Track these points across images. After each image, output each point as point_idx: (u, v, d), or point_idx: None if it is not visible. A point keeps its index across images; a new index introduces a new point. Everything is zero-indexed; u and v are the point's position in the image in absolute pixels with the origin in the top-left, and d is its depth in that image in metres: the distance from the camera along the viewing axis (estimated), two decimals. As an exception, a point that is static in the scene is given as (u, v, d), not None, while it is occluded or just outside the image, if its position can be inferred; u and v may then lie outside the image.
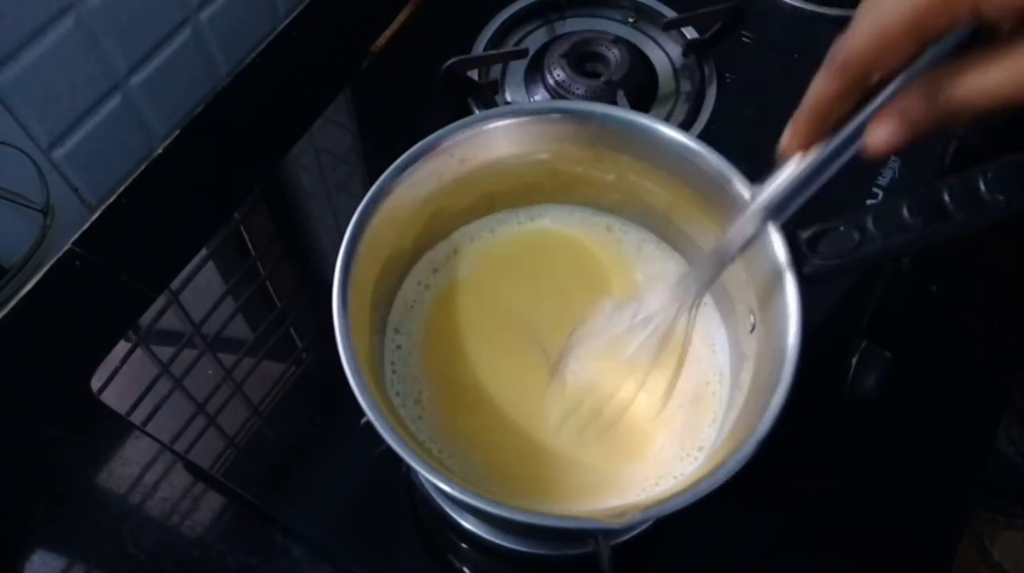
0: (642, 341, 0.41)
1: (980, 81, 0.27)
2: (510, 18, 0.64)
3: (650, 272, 0.46)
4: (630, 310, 0.41)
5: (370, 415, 0.33)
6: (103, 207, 0.58)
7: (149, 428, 0.49)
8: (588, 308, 0.44)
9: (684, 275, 0.40)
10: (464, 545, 0.46)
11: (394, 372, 0.43)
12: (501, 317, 0.45)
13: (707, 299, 0.45)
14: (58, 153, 0.55)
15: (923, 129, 0.28)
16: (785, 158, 0.32)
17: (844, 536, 0.47)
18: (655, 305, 0.40)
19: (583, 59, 0.60)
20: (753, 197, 0.35)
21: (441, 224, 0.46)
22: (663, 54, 0.64)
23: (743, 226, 0.35)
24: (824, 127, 0.31)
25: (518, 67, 0.62)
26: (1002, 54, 0.26)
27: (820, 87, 0.29)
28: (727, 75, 0.62)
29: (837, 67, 0.29)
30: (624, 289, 0.46)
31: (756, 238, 0.35)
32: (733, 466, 0.31)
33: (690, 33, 0.63)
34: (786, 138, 0.32)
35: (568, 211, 0.48)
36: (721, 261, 0.37)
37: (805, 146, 0.32)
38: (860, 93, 0.29)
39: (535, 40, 0.64)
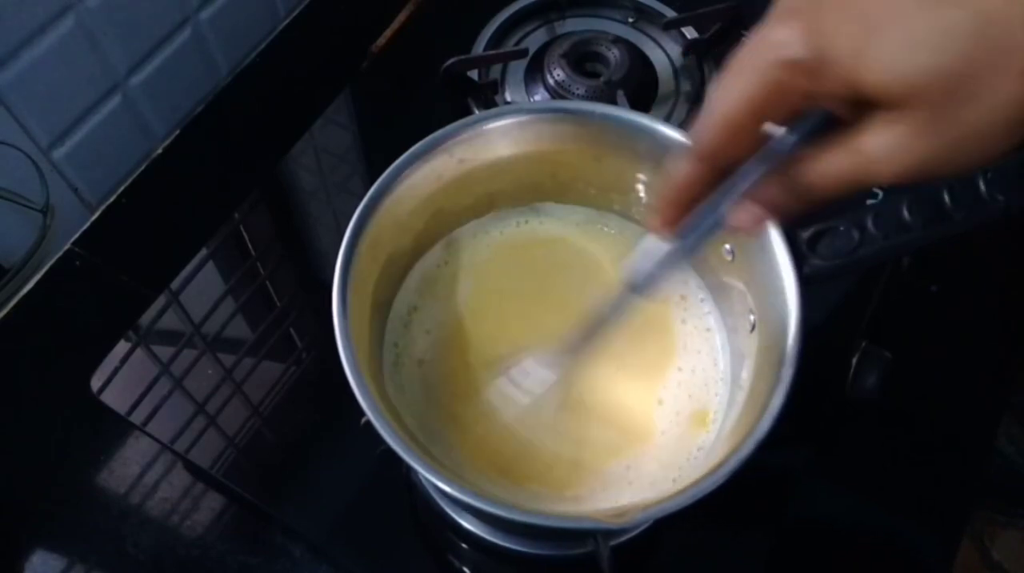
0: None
1: (827, 167, 0.28)
2: (510, 18, 0.64)
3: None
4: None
5: (370, 415, 0.33)
6: (103, 207, 0.58)
7: (149, 428, 0.49)
8: (584, 306, 0.45)
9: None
10: (464, 545, 0.46)
11: (394, 372, 0.43)
12: (500, 317, 0.45)
13: (709, 306, 0.45)
14: (58, 153, 0.55)
15: (786, 212, 0.30)
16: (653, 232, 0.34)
17: (844, 536, 0.47)
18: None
19: (583, 59, 0.60)
20: (624, 270, 0.36)
21: (441, 224, 0.46)
22: (663, 54, 0.64)
23: (610, 296, 0.36)
24: (686, 208, 0.32)
25: (518, 67, 0.62)
26: (844, 141, 0.27)
27: (680, 175, 0.31)
28: (727, 75, 0.62)
29: (694, 157, 0.30)
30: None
31: (621, 308, 0.36)
32: (733, 466, 0.31)
33: (690, 33, 0.63)
34: (653, 219, 0.34)
35: (568, 211, 0.48)
36: (596, 322, 0.37)
37: (671, 225, 0.33)
38: (718, 175, 0.31)
39: (535, 40, 0.64)
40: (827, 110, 0.27)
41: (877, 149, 0.26)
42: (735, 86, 0.27)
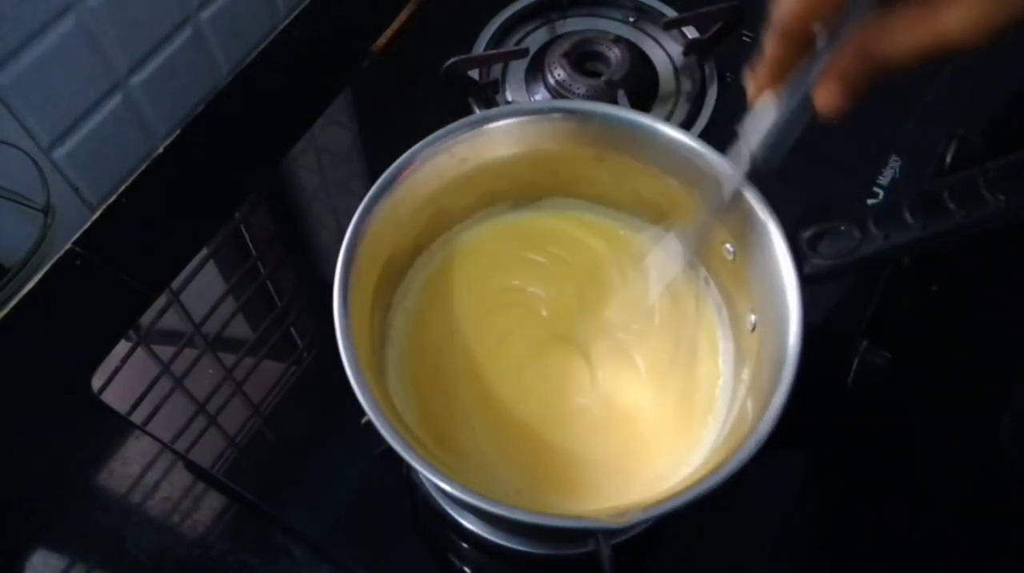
0: (648, 307, 0.42)
1: (905, 38, 0.29)
2: (511, 17, 0.64)
3: (649, 270, 0.47)
4: (632, 280, 0.43)
5: (370, 415, 0.33)
6: (103, 207, 0.58)
7: (150, 428, 0.49)
8: (587, 304, 0.45)
9: (671, 239, 0.41)
10: (464, 545, 0.46)
11: (395, 371, 0.43)
12: (502, 316, 0.45)
13: (710, 306, 0.45)
14: (59, 153, 0.55)
15: (861, 86, 0.31)
16: (754, 103, 0.35)
17: (844, 537, 0.47)
18: (655, 270, 0.42)
19: (584, 59, 0.60)
20: (738, 148, 0.36)
21: (441, 224, 0.46)
22: (664, 53, 0.64)
23: (732, 179, 0.37)
24: (781, 77, 0.33)
25: (519, 67, 0.62)
26: (922, 13, 0.28)
27: (769, 51, 0.32)
28: (728, 75, 0.62)
29: (778, 35, 0.31)
30: (622, 285, 0.46)
31: (741, 188, 0.37)
32: (733, 466, 0.31)
33: (691, 32, 0.63)
34: (751, 89, 0.34)
35: (568, 208, 0.48)
36: (713, 213, 0.39)
37: (767, 88, 0.34)
38: (804, 45, 0.32)
39: (536, 40, 0.64)
40: None
41: (956, 20, 0.27)
42: None
